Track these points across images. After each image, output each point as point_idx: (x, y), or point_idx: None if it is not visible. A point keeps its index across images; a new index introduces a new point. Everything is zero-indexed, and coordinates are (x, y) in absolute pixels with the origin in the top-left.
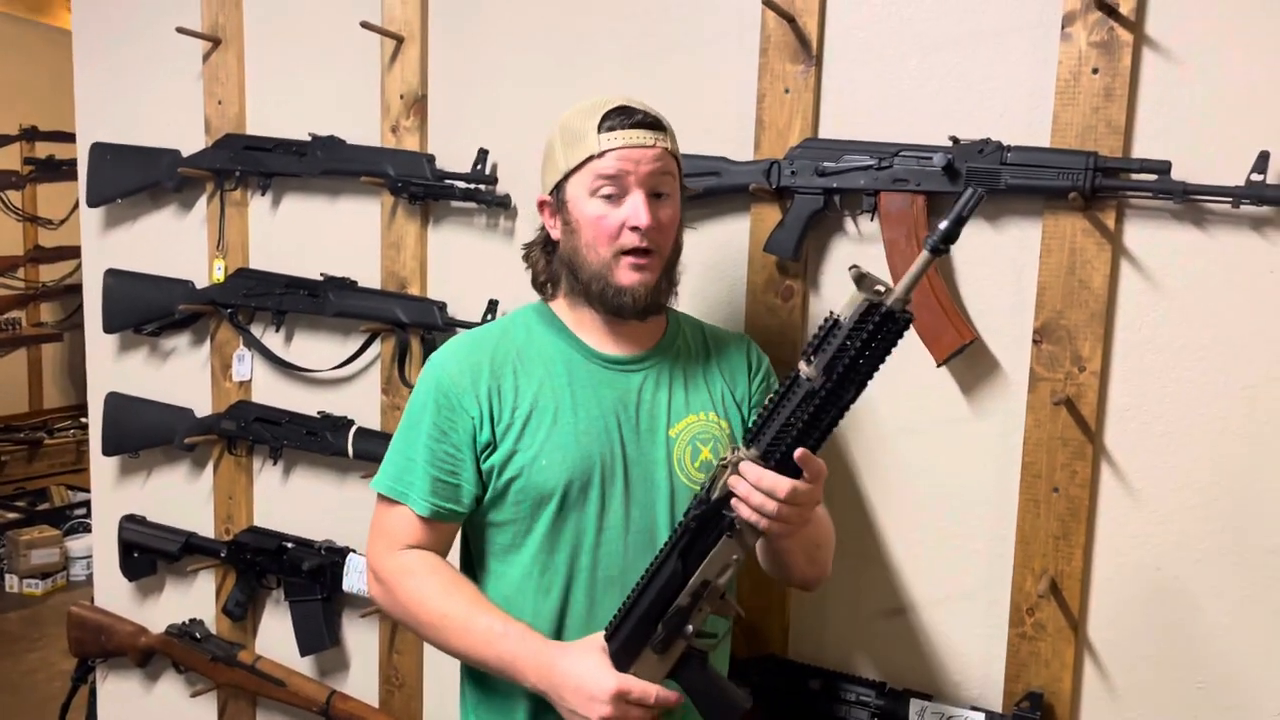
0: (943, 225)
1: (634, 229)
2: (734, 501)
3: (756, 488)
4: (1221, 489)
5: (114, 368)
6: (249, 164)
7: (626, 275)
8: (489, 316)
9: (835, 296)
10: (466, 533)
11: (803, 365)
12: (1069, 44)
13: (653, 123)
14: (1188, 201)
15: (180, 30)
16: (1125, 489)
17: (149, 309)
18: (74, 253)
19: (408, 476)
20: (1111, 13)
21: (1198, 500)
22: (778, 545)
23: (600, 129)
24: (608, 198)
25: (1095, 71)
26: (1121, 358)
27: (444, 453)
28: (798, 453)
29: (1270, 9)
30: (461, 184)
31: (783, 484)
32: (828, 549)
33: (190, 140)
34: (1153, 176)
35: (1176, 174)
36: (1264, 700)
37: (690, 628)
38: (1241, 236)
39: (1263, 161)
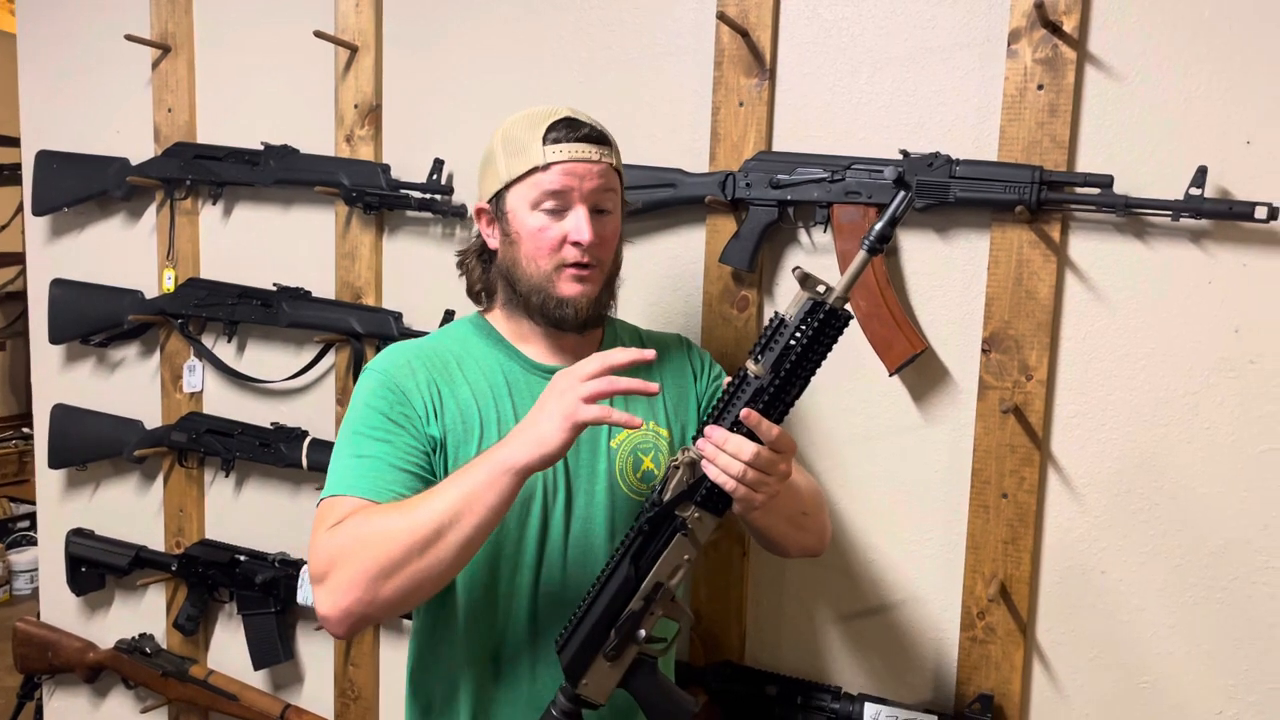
0: (877, 225)
1: (575, 244)
2: (703, 463)
3: (722, 449)
4: (1164, 493)
5: (61, 379)
6: (200, 173)
7: (568, 286)
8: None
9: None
10: None
11: (750, 364)
12: (1015, 60)
13: (599, 137)
14: (1129, 214)
15: (129, 38)
16: (1071, 494)
17: (97, 319)
18: (14, 259)
19: (357, 471)
20: (1056, 30)
21: (1141, 505)
22: (756, 524)
23: (545, 140)
24: (550, 211)
25: (1040, 88)
26: (1067, 366)
27: (405, 445)
28: (765, 427)
29: (1207, 28)
30: (417, 194)
31: (748, 446)
32: (817, 515)
33: (139, 148)
34: (1096, 190)
35: (1118, 188)
36: (1207, 697)
37: (643, 632)
38: (1181, 248)
39: (1201, 176)
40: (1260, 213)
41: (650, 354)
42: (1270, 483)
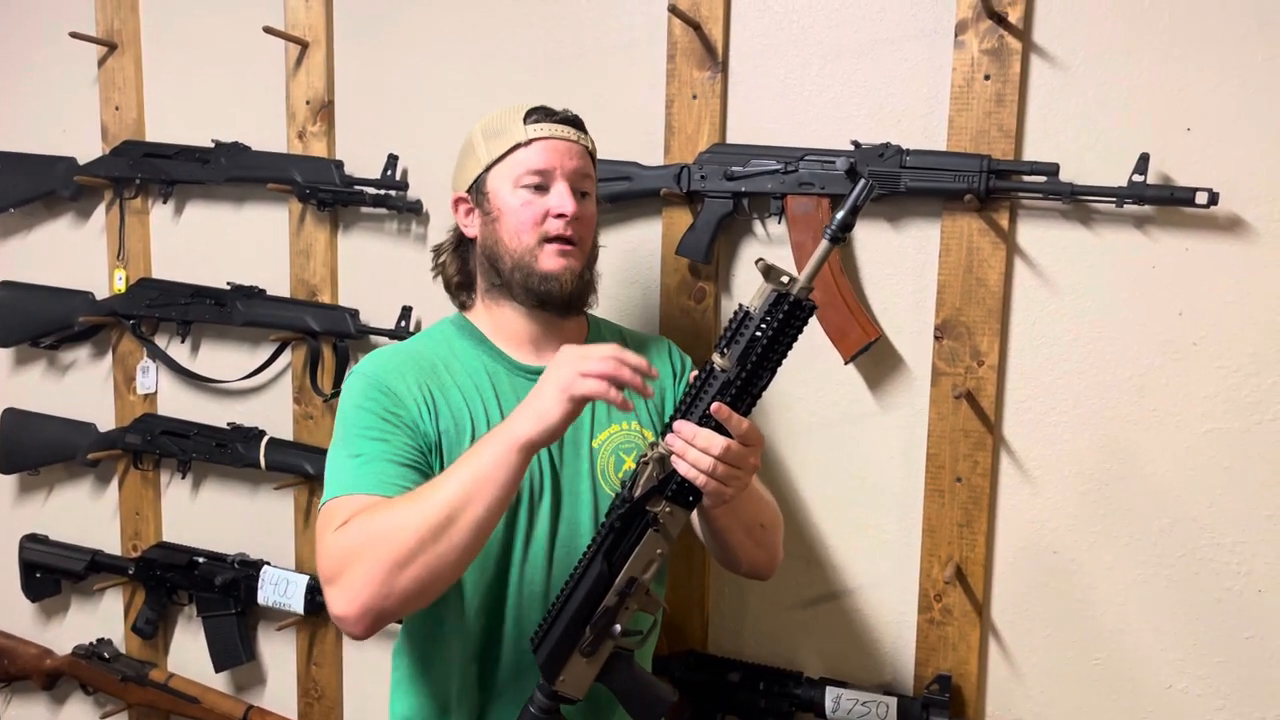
0: (839, 215)
1: (559, 216)
2: (672, 458)
3: (692, 444)
4: (1112, 474)
5: (11, 383)
6: (150, 171)
7: (551, 260)
8: (403, 323)
9: (747, 297)
10: None
11: (716, 357)
12: (962, 51)
13: (575, 121)
14: (1075, 201)
15: (74, 35)
16: (1023, 477)
17: (47, 321)
18: None
19: (356, 471)
20: (1001, 21)
21: (1091, 486)
22: (717, 523)
23: (526, 121)
24: (532, 188)
25: (987, 78)
26: (1017, 351)
27: (401, 443)
28: (735, 421)
29: (1148, 18)
30: (371, 190)
31: (717, 440)
32: (774, 531)
33: (87, 147)
34: (1042, 178)
35: (1064, 175)
36: (1158, 671)
37: (618, 627)
38: (1126, 234)
39: (1143, 163)
40: (1201, 198)
41: (654, 371)
42: (1214, 462)
